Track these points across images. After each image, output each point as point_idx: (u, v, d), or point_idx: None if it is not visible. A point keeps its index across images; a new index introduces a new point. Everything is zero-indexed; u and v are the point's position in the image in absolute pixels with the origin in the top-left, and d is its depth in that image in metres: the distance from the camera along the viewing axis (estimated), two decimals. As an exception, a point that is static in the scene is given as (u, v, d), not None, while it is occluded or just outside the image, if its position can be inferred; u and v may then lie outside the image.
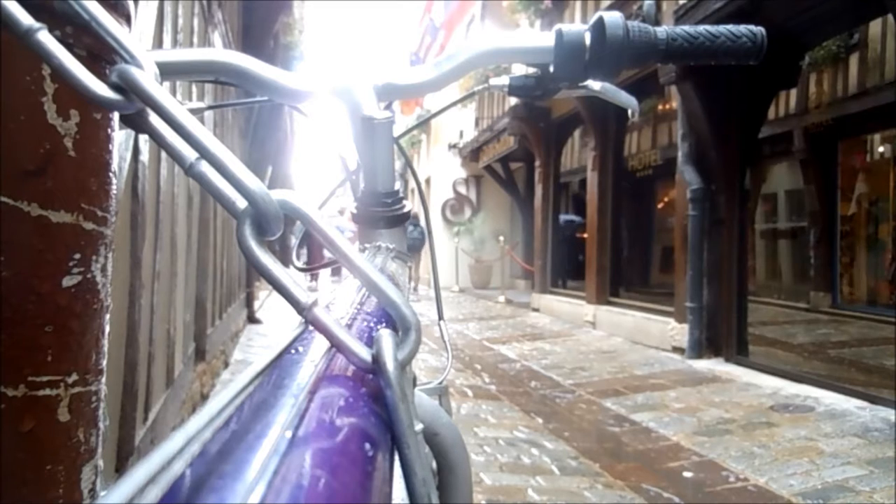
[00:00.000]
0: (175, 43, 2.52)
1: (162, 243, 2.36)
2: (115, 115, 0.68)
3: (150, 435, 2.09)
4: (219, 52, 0.52)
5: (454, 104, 0.84)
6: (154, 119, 0.32)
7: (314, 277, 11.13)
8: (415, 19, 19.22)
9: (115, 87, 0.30)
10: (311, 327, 0.29)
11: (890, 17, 3.97)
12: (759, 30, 0.60)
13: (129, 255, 1.85)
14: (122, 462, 1.77)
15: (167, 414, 2.44)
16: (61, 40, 0.30)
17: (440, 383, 0.68)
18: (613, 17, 0.56)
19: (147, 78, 0.30)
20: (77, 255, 0.65)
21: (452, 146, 13.97)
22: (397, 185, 0.62)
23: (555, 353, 5.77)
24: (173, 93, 2.45)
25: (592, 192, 7.39)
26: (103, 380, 0.70)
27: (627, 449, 3.07)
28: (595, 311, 7.10)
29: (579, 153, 9.00)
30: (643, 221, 8.21)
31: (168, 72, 0.49)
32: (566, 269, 9.23)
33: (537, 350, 5.91)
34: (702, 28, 0.59)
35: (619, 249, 7.55)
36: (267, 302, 8.30)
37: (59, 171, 0.64)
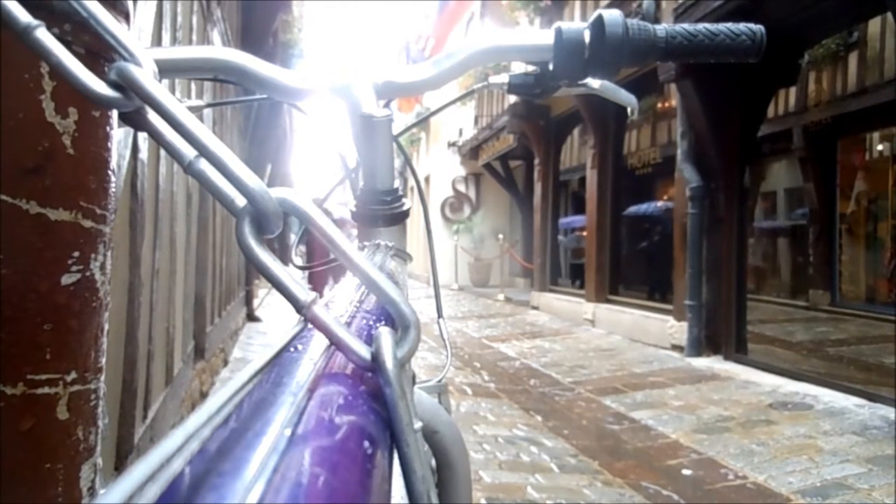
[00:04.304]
0: (174, 41, 2.51)
1: (161, 241, 2.36)
2: (114, 113, 0.68)
3: (149, 433, 2.09)
4: (218, 49, 0.52)
5: (453, 102, 0.84)
6: (153, 117, 0.31)
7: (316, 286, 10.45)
8: (413, 16, 19.19)
9: (113, 85, 0.30)
10: (310, 325, 0.29)
11: (889, 15, 3.97)
12: (758, 28, 0.60)
13: (128, 254, 1.85)
14: (121, 460, 1.77)
15: (166, 412, 2.44)
16: (60, 38, 0.30)
17: (439, 381, 0.68)
18: (613, 16, 0.56)
19: (146, 76, 0.30)
20: (76, 254, 0.65)
21: (452, 144, 13.96)
22: (396, 183, 0.62)
23: (554, 350, 5.78)
24: (172, 91, 2.45)
25: (592, 190, 7.38)
26: (102, 378, 0.70)
27: (626, 447, 3.07)
28: (594, 309, 7.11)
29: (579, 151, 8.99)
30: (642, 220, 8.20)
31: (167, 70, 0.49)
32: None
33: (536, 348, 5.92)
34: (701, 26, 0.59)
35: (619, 247, 7.55)
36: (266, 300, 8.30)
37: (57, 169, 0.64)
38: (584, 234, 7.88)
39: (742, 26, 0.59)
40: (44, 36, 0.29)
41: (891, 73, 4.65)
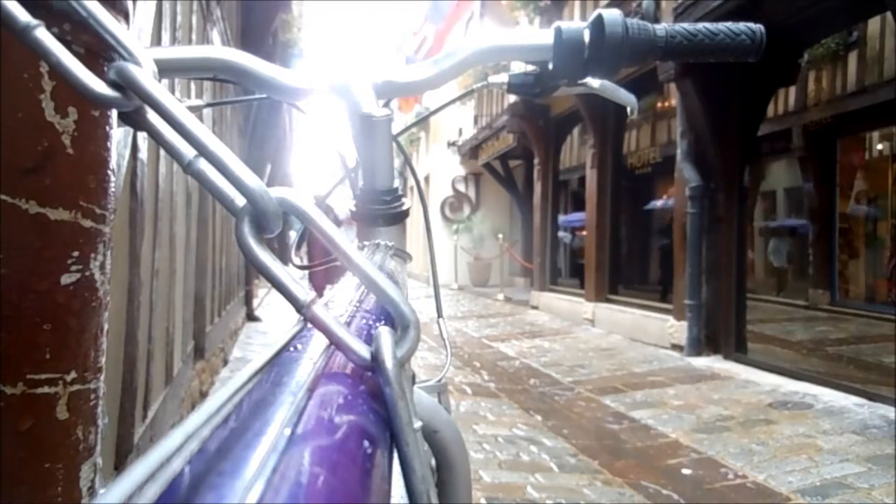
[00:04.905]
0: (174, 40, 2.51)
1: (161, 241, 2.36)
2: (114, 113, 0.68)
3: (149, 433, 2.09)
4: (217, 49, 0.52)
5: (453, 101, 0.84)
6: (152, 116, 0.31)
7: (316, 286, 10.66)
8: (411, 17, 19.20)
9: (113, 85, 0.30)
10: (309, 325, 0.29)
11: (888, 14, 3.97)
12: (758, 27, 0.60)
13: (127, 253, 1.84)
14: (120, 460, 1.77)
15: (166, 412, 2.44)
16: (59, 37, 0.30)
17: (439, 381, 0.68)
18: (612, 15, 0.56)
19: (145, 75, 0.30)
20: (75, 253, 0.65)
21: (451, 144, 13.97)
22: (396, 183, 0.62)
23: (554, 350, 5.78)
24: (172, 90, 2.45)
25: (591, 189, 7.39)
26: (102, 377, 0.70)
27: (626, 446, 3.07)
28: (594, 309, 7.11)
29: (578, 151, 8.99)
30: (642, 219, 8.21)
31: (167, 69, 0.49)
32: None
33: (536, 348, 5.92)
34: (701, 26, 0.59)
35: (618, 247, 7.56)
36: (266, 300, 8.30)
37: (57, 169, 0.64)
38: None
39: (742, 26, 0.59)
40: (43, 35, 0.29)
41: (890, 72, 4.66)
